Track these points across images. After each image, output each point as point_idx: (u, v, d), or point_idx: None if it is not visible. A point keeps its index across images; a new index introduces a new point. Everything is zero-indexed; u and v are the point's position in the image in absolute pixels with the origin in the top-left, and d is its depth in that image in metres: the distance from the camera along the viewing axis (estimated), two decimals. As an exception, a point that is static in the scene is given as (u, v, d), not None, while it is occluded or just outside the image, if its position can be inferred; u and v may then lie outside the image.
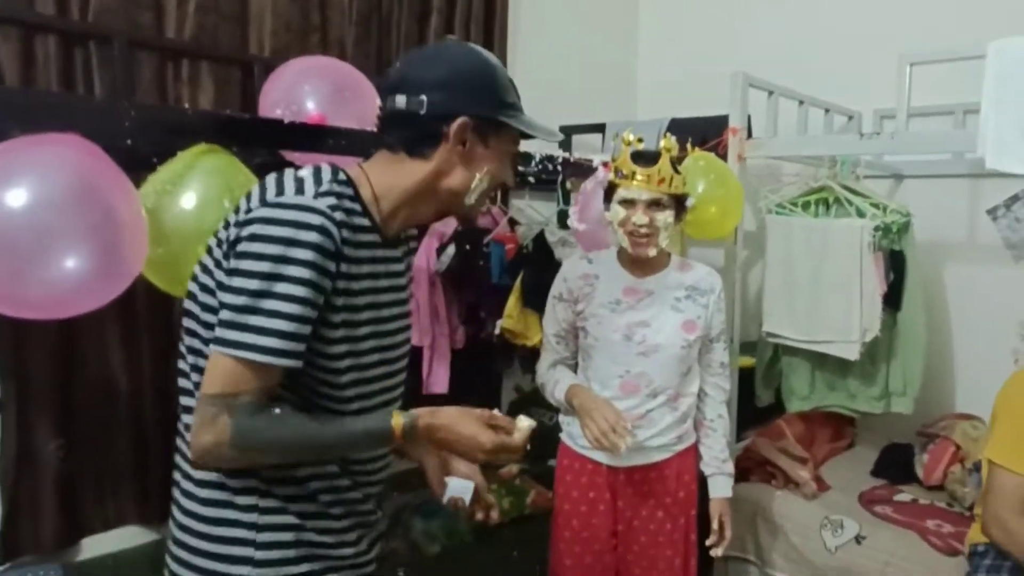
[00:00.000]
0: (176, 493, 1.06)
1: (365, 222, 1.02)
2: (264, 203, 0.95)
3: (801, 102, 2.48)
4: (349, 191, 1.01)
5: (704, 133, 2.35)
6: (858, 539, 2.16)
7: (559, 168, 2.03)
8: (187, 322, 1.04)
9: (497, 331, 2.05)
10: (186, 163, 1.23)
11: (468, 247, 2.00)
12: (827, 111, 2.64)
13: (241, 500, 1.01)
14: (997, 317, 2.66)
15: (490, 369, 1.84)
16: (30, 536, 1.77)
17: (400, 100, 1.00)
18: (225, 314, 0.93)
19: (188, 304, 1.04)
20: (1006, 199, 2.66)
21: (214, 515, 1.01)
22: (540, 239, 2.12)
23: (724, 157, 2.29)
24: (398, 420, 0.98)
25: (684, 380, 1.76)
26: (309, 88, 1.44)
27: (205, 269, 1.01)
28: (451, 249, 1.97)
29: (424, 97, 0.99)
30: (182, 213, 1.21)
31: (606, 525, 1.78)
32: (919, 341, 2.42)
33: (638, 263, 1.73)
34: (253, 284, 0.91)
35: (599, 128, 2.55)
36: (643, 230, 1.63)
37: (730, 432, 1.86)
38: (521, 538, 1.85)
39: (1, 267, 1.01)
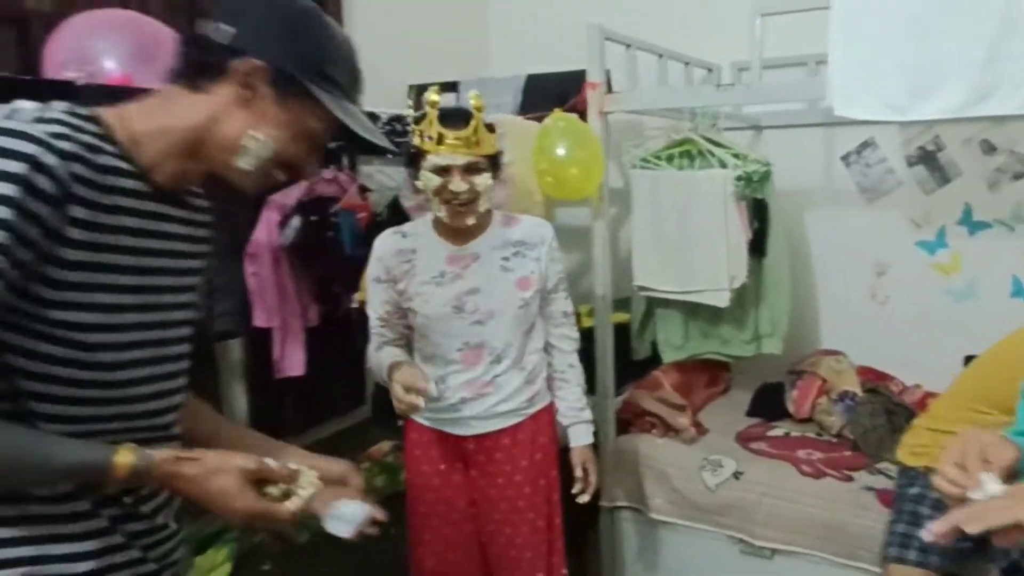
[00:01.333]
0: None
1: (120, 164, 0.85)
2: None
3: (660, 55, 2.51)
4: (92, 127, 0.83)
5: (563, 89, 2.33)
6: (736, 475, 2.26)
7: (408, 129, 1.95)
8: None
9: (355, 305, 1.97)
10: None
11: (314, 218, 1.90)
12: (687, 64, 2.68)
13: None
14: (854, 258, 2.83)
15: (351, 346, 1.76)
16: None
17: (207, 25, 0.88)
18: None
19: None
20: (857, 146, 2.81)
21: None
22: (395, 204, 2.05)
23: (584, 114, 2.28)
24: (126, 459, 0.79)
25: (527, 339, 1.74)
26: (105, 45, 1.29)
27: None
28: (295, 221, 1.86)
29: (227, 27, 0.86)
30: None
31: (461, 495, 1.76)
32: (784, 285, 2.53)
33: (458, 229, 1.65)
34: None
35: (452, 86, 2.49)
36: (463, 196, 1.55)
37: (584, 380, 1.87)
38: (398, 514, 1.79)
39: None
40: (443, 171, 1.55)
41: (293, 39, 0.90)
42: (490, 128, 1.59)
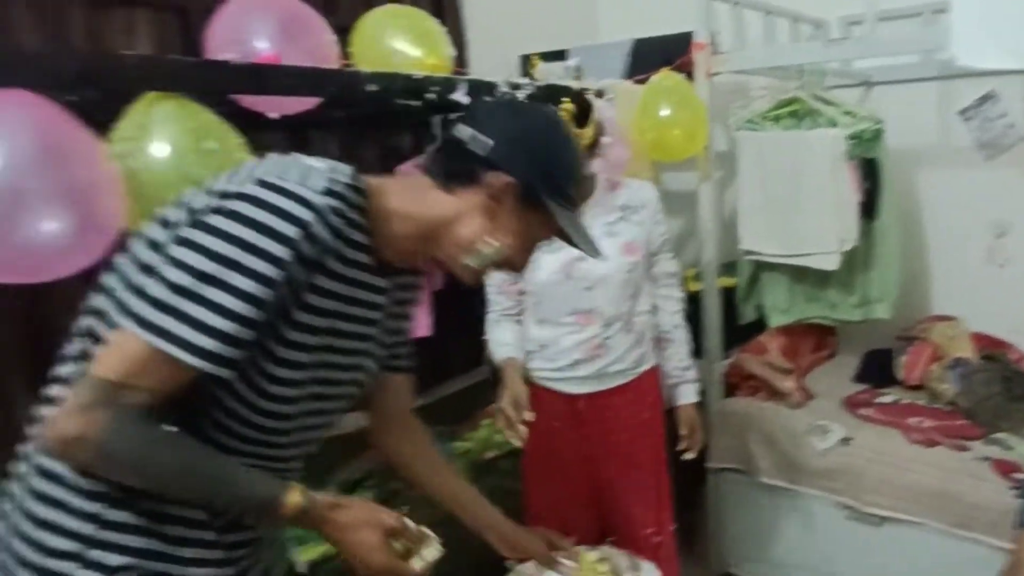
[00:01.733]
0: (12, 479, 0.91)
1: (363, 239, 0.90)
2: (260, 182, 0.81)
3: (768, 12, 2.44)
4: (359, 200, 0.89)
5: (669, 52, 2.31)
6: (844, 440, 2.24)
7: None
8: (98, 299, 0.88)
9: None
10: (144, 112, 1.19)
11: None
12: (793, 20, 2.60)
13: (79, 503, 0.84)
14: (971, 219, 2.69)
15: (473, 310, 1.84)
16: None
17: (466, 132, 0.93)
18: (156, 288, 0.78)
19: (108, 279, 0.87)
20: (976, 99, 2.66)
21: (43, 515, 0.84)
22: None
23: (691, 76, 2.26)
24: (295, 499, 0.85)
25: (634, 301, 1.78)
26: (256, 26, 1.39)
27: (152, 244, 0.84)
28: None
29: (490, 141, 0.91)
30: (156, 162, 1.17)
31: (574, 451, 1.83)
32: (895, 248, 2.45)
33: None
34: (205, 265, 0.77)
35: (561, 55, 2.50)
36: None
37: (689, 340, 1.91)
38: (516, 470, 1.89)
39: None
40: None
41: (541, 157, 0.94)
42: (584, 116, 1.60)
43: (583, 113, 1.59)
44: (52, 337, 1.72)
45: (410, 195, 0.95)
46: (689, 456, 1.83)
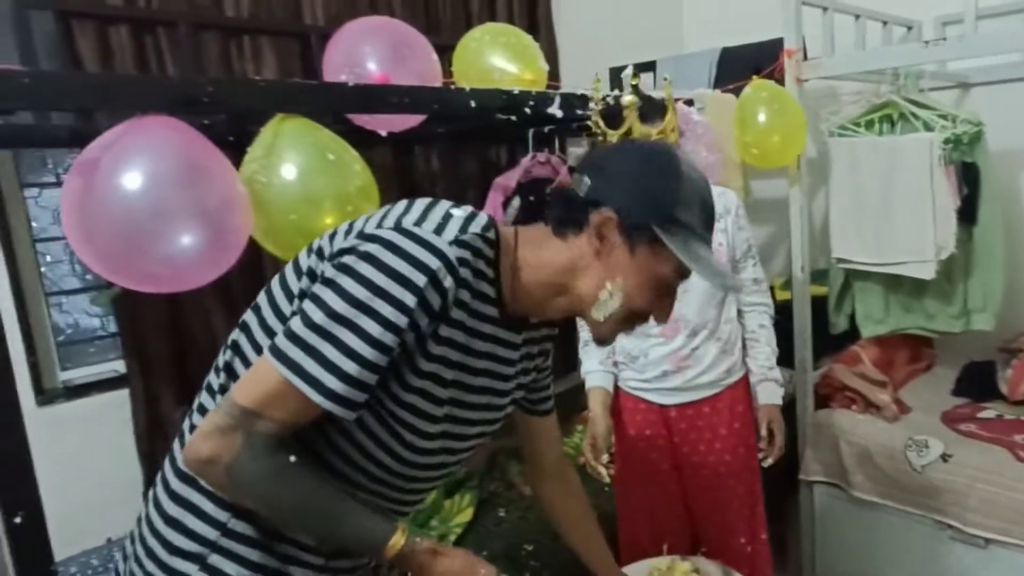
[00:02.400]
0: (156, 480, 0.96)
1: (490, 291, 0.90)
2: (397, 227, 0.83)
3: (857, 16, 2.39)
4: (490, 252, 0.89)
5: (758, 60, 2.29)
6: (944, 457, 2.15)
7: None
8: (249, 316, 0.93)
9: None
10: (272, 133, 1.27)
11: (532, 198, 2.02)
12: (885, 23, 2.54)
13: (210, 509, 0.89)
14: (1079, 224, 2.56)
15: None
16: None
17: (575, 178, 0.93)
18: (296, 324, 0.81)
19: (261, 299, 0.93)
20: (1084, 98, 2.53)
21: (175, 514, 0.90)
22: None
23: (781, 82, 2.23)
24: (399, 540, 0.85)
25: (720, 309, 1.77)
26: (369, 49, 1.46)
27: (299, 272, 0.89)
28: (516, 200, 1.99)
29: (587, 179, 0.90)
30: (284, 181, 1.25)
31: (665, 459, 1.83)
32: (997, 255, 2.35)
33: None
34: (340, 306, 0.79)
35: (649, 66, 2.51)
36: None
37: (774, 342, 1.87)
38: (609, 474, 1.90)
39: (125, 244, 1.08)
40: None
41: (648, 187, 0.90)
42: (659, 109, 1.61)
43: (650, 109, 1.60)
44: (194, 346, 1.91)
45: (537, 245, 0.93)
46: (767, 462, 1.79)
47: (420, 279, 0.80)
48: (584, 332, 1.86)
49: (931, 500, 2.14)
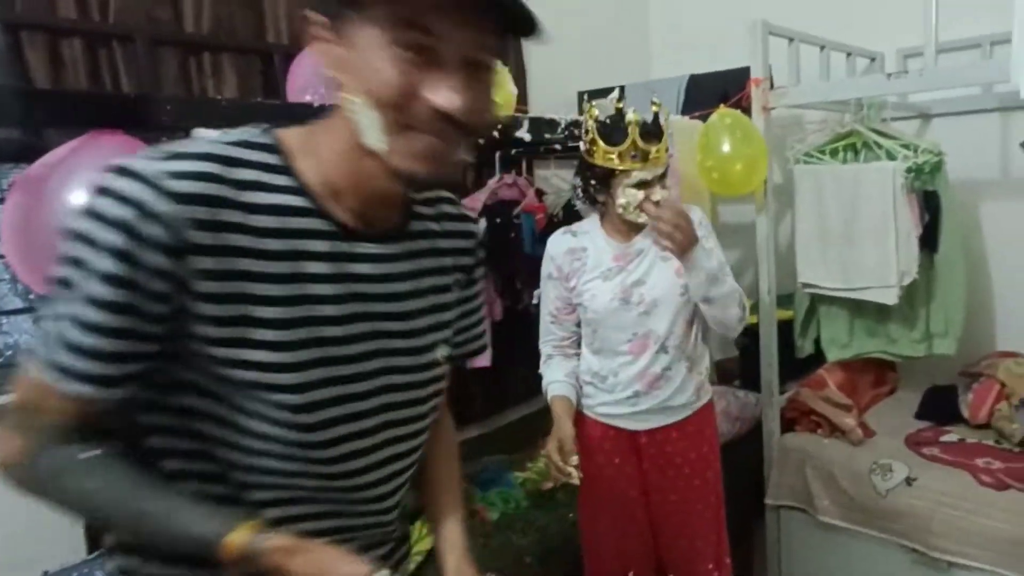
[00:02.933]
0: None
1: (297, 201, 0.74)
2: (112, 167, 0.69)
3: (822, 47, 2.44)
4: (267, 157, 0.74)
5: (725, 87, 2.32)
6: (908, 481, 2.17)
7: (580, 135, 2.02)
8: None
9: (535, 300, 2.06)
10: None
11: (498, 220, 2.02)
12: (848, 54, 2.60)
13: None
14: (1035, 252, 2.62)
15: (531, 339, 1.85)
16: None
17: None
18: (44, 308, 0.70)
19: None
20: (1038, 130, 2.61)
21: None
22: (569, 206, 2.12)
23: (747, 110, 2.26)
24: (238, 539, 0.69)
25: (689, 327, 1.76)
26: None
27: None
28: (481, 223, 1.98)
29: None
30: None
31: (634, 486, 1.81)
32: (958, 281, 2.39)
33: (625, 227, 1.70)
34: (58, 274, 0.68)
35: (619, 90, 2.54)
36: (663, 203, 1.62)
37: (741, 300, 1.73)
38: (574, 502, 1.89)
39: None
40: (645, 185, 1.61)
41: None
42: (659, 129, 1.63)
43: (651, 127, 1.61)
44: None
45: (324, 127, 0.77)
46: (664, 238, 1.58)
47: (117, 212, 0.65)
48: (545, 347, 1.83)
49: (895, 524, 2.15)
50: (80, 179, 1.07)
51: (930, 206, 2.36)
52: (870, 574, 2.23)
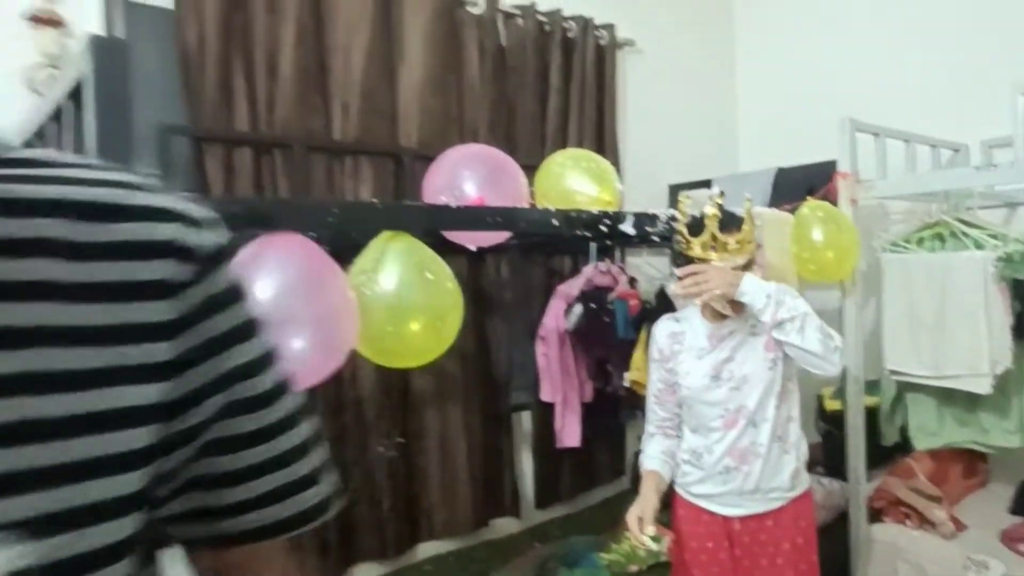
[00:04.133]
0: None
1: None
2: None
3: (907, 140, 2.52)
4: None
5: (811, 180, 2.41)
6: (1005, 579, 2.12)
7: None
8: None
9: (625, 383, 2.15)
10: (380, 248, 1.41)
11: (593, 305, 2.13)
12: (933, 146, 2.66)
13: None
14: None
15: (615, 420, 1.94)
16: None
17: None
18: None
19: None
20: None
21: None
22: (662, 293, 2.23)
23: (833, 202, 2.35)
24: None
25: (781, 403, 1.79)
26: (467, 173, 1.62)
27: None
28: (578, 308, 2.10)
29: None
30: (385, 292, 1.39)
31: (726, 573, 1.82)
32: (1053, 371, 2.36)
33: (718, 311, 1.78)
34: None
35: (706, 184, 2.66)
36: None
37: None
38: (664, 583, 1.91)
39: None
40: None
41: None
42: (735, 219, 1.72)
43: (728, 219, 1.71)
44: None
45: None
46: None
47: None
48: (649, 426, 1.91)
49: (993, 624, 2.10)
50: (266, 271, 1.23)
51: (1020, 295, 2.37)
52: (965, 676, 2.16)
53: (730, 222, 1.71)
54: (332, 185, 2.08)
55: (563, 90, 2.71)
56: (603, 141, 2.75)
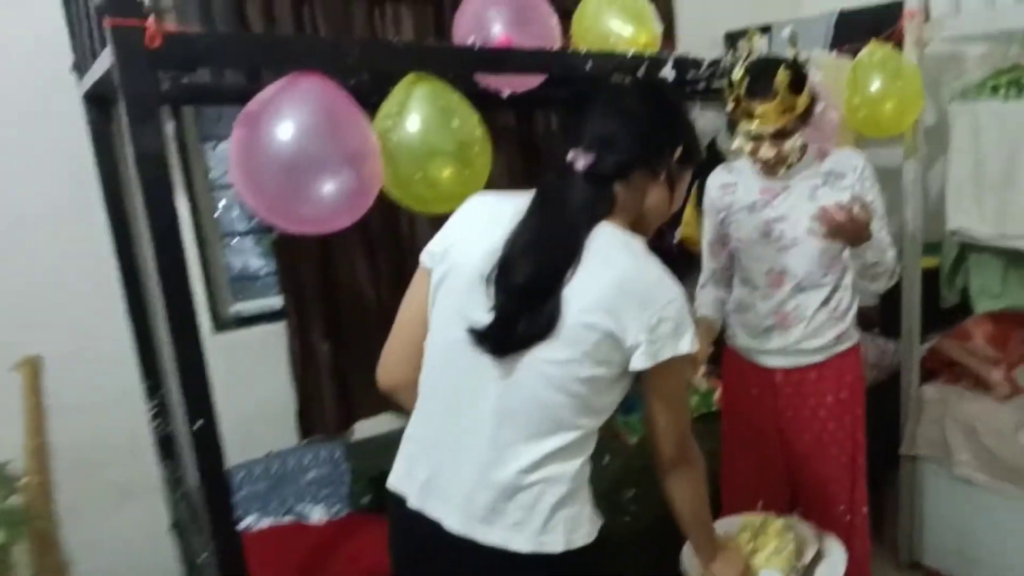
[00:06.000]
0: None
1: None
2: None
3: (988, -27, 2.26)
4: None
5: (877, 23, 2.20)
6: (1059, 442, 2.06)
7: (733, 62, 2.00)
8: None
9: (676, 239, 2.10)
10: (405, 92, 1.37)
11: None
12: (1019, -20, 2.38)
13: None
14: None
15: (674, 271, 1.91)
16: (319, 420, 2.20)
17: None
18: None
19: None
20: None
21: None
22: (712, 147, 2.12)
23: (901, 46, 2.15)
24: None
25: (832, 272, 1.73)
26: (494, 13, 1.54)
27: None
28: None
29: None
30: (409, 136, 1.36)
31: (770, 422, 1.83)
32: None
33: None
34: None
35: (765, 30, 2.45)
36: (772, 161, 1.63)
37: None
38: (710, 432, 1.93)
39: (283, 189, 1.20)
40: (754, 138, 1.61)
41: None
42: (800, 83, 1.57)
43: (798, 80, 1.58)
44: (340, 286, 2.18)
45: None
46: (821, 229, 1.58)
47: None
48: (703, 274, 1.90)
49: (1042, 485, 2.07)
50: (285, 114, 1.22)
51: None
52: (1009, 532, 2.16)
53: (759, 89, 1.55)
54: (373, 33, 2.07)
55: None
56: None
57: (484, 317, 1.04)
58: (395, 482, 1.16)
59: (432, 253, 1.14)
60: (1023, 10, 2.17)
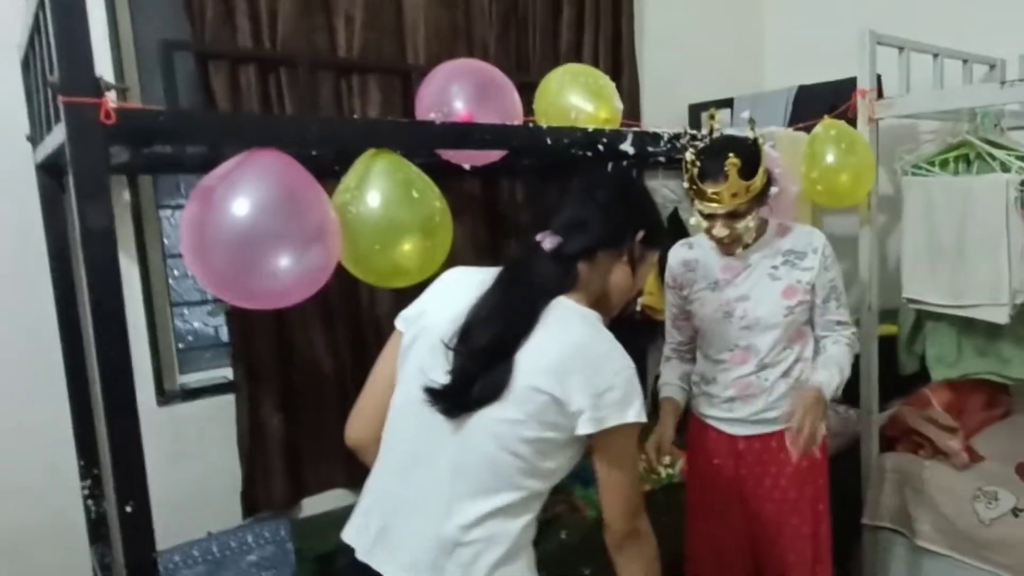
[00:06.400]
0: None
1: None
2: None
3: (936, 55, 2.37)
4: None
5: (834, 98, 2.29)
6: (1015, 512, 2.08)
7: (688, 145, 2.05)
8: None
9: (638, 308, 2.11)
10: (364, 166, 1.38)
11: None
12: (965, 62, 2.50)
13: None
14: None
15: (635, 346, 1.90)
16: (265, 496, 2.10)
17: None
18: None
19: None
20: None
21: None
22: (674, 217, 2.15)
23: (854, 121, 2.23)
24: None
25: (793, 347, 1.75)
26: (456, 89, 1.56)
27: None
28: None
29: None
30: (368, 209, 1.36)
31: (733, 491, 1.82)
32: (1078, 301, 2.26)
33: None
34: None
35: (727, 103, 2.53)
36: (725, 240, 1.66)
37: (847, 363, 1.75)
38: (672, 503, 1.92)
39: (234, 265, 1.19)
40: (707, 217, 1.64)
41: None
42: (752, 168, 1.59)
43: (749, 165, 1.61)
44: (295, 357, 2.08)
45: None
46: (792, 451, 1.56)
47: None
48: (667, 349, 1.91)
49: (998, 555, 2.07)
50: (240, 190, 1.21)
51: (1048, 222, 2.24)
52: (972, 604, 2.16)
53: (710, 171, 1.58)
54: (340, 105, 2.05)
55: (576, 3, 2.56)
56: (620, 57, 2.61)
57: (442, 378, 1.09)
58: (349, 533, 1.18)
59: (406, 318, 1.22)
60: (968, 91, 2.29)
